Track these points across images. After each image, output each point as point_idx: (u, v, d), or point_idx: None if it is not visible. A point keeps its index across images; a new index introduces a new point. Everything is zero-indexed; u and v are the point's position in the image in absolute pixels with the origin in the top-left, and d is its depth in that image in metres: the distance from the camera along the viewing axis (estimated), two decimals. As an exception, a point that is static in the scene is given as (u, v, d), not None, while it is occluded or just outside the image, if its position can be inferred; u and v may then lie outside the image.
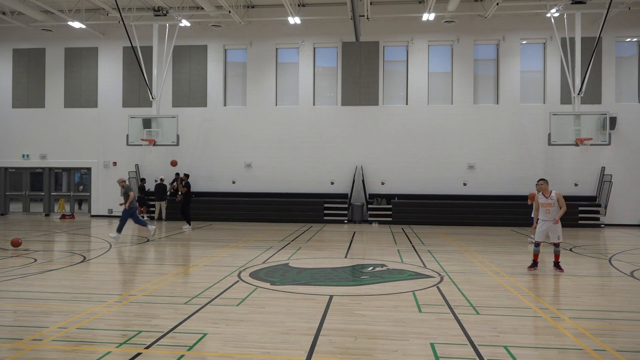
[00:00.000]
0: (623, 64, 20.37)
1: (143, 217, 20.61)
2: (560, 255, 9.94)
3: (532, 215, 11.32)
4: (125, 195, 14.03)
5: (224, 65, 22.07)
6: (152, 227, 15.13)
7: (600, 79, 19.98)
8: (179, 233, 16.21)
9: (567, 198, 19.20)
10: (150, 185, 21.37)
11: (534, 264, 9.79)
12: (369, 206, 20.34)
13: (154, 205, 20.62)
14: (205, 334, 5.53)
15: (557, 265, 9.73)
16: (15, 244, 11.91)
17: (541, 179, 10.05)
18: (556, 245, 9.71)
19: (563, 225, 10.14)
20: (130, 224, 18.20)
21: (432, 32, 20.76)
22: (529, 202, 14.08)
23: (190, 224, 17.38)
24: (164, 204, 19.87)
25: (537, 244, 9.84)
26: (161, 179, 20.13)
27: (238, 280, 8.48)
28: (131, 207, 13.92)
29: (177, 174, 21.58)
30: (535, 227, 10.01)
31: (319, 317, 6.26)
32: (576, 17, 17.45)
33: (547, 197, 9.70)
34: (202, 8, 19.28)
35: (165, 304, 6.90)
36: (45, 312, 6.51)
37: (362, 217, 20.47)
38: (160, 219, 19.99)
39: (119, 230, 13.86)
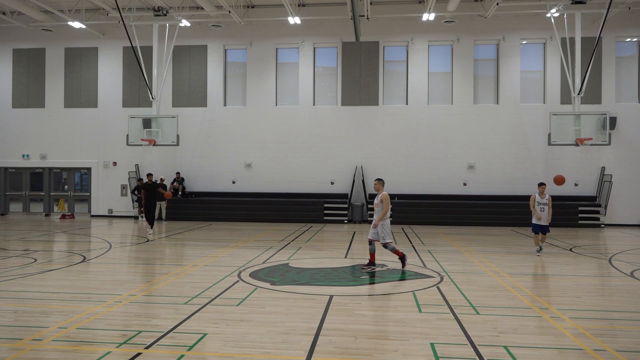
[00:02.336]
0: (623, 64, 20.37)
1: (142, 217, 20.63)
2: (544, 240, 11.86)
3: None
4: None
5: (224, 65, 22.07)
6: (150, 230, 15.44)
7: (600, 79, 19.98)
8: (178, 233, 16.21)
9: (567, 198, 19.35)
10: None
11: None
12: (369, 206, 20.34)
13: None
14: (205, 334, 5.53)
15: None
16: None
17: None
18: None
19: (563, 226, 10.26)
20: (131, 224, 18.26)
21: (432, 32, 20.76)
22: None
23: (152, 228, 15.70)
24: (164, 204, 19.86)
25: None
26: (161, 179, 20.12)
27: (238, 280, 8.48)
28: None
29: (178, 173, 21.61)
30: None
31: (319, 317, 6.26)
32: (576, 17, 17.45)
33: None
34: (202, 8, 19.27)
35: (165, 304, 6.90)
36: (45, 312, 6.51)
37: (362, 217, 20.46)
38: (160, 219, 19.99)
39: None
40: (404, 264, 9.65)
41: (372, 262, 9.62)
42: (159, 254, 12.09)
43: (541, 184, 11.86)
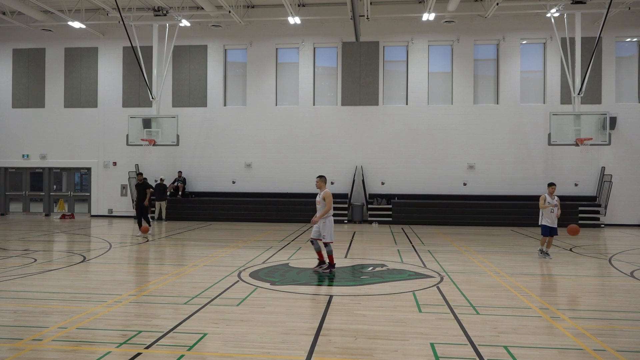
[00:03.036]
0: (623, 64, 20.37)
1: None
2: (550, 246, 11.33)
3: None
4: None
5: (224, 65, 22.07)
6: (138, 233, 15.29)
7: (600, 79, 19.98)
8: (178, 233, 16.21)
9: (567, 198, 19.34)
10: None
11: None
12: (369, 206, 20.34)
13: (153, 205, 20.56)
14: (205, 334, 5.53)
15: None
16: None
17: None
18: None
19: (563, 226, 10.28)
20: (131, 224, 18.25)
21: (432, 32, 20.76)
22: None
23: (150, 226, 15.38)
24: (164, 204, 19.86)
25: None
26: (161, 179, 20.12)
27: (238, 280, 8.48)
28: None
29: (180, 172, 21.60)
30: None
31: (319, 317, 6.26)
32: (576, 17, 17.45)
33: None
34: (202, 8, 19.27)
35: (165, 304, 6.89)
36: (45, 312, 6.51)
37: (362, 217, 20.46)
38: (160, 219, 19.99)
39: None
40: (328, 269, 9.23)
41: (322, 261, 9.46)
42: (159, 254, 12.09)
43: (551, 184, 11.37)
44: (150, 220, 15.75)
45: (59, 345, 5.17)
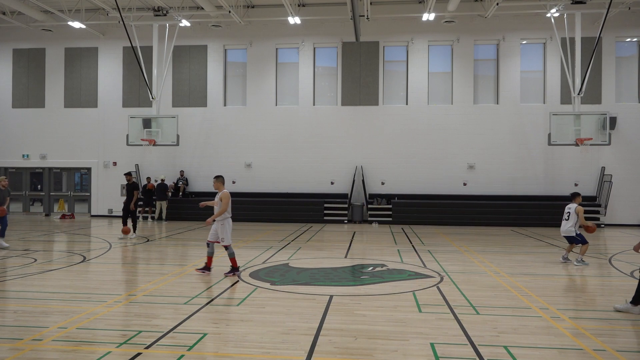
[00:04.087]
0: (623, 64, 20.37)
1: (147, 217, 20.65)
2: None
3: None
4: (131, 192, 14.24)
5: (224, 65, 22.07)
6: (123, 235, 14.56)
7: (600, 79, 19.98)
8: (178, 233, 16.21)
9: (567, 198, 19.26)
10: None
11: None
12: (369, 206, 20.34)
13: (153, 206, 20.57)
14: (205, 334, 5.53)
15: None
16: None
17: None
18: None
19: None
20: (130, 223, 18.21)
21: (432, 32, 20.76)
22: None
23: (135, 231, 14.82)
24: (164, 204, 19.87)
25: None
26: (162, 179, 20.13)
27: (238, 280, 8.48)
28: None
29: (182, 172, 21.60)
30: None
31: (319, 317, 6.26)
32: (576, 17, 17.46)
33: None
34: (202, 8, 19.27)
35: (165, 304, 6.89)
36: (45, 312, 6.51)
37: (362, 217, 20.46)
38: (160, 218, 20.00)
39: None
40: (232, 273, 8.91)
41: (207, 267, 9.04)
42: (159, 254, 12.09)
43: (577, 195, 10.92)
44: (137, 221, 14.92)
45: (59, 345, 5.17)
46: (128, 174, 15.06)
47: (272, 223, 19.81)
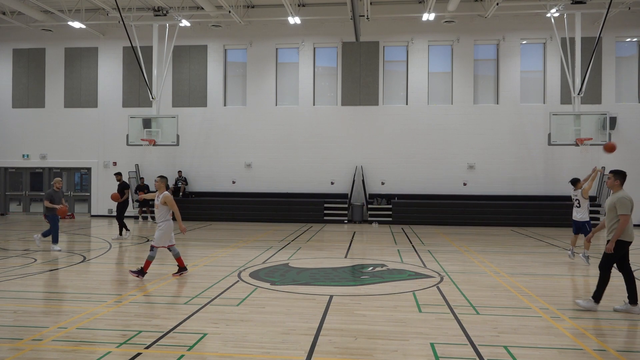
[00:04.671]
0: (623, 64, 20.36)
1: (146, 217, 20.64)
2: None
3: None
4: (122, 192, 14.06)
5: (224, 65, 22.07)
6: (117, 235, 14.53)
7: (600, 79, 19.98)
8: (178, 233, 16.20)
9: (567, 198, 19.30)
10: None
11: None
12: (369, 206, 20.34)
13: (152, 205, 20.57)
14: (205, 334, 5.53)
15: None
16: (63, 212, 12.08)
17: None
18: None
19: (563, 225, 10.29)
20: (131, 224, 18.23)
21: (432, 32, 20.76)
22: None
23: (122, 233, 14.48)
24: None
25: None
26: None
27: (238, 280, 8.48)
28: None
29: (180, 172, 21.59)
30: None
31: (319, 317, 6.26)
32: (576, 17, 17.46)
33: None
34: (202, 8, 19.27)
35: (165, 304, 6.90)
36: (45, 312, 6.51)
37: (362, 217, 20.46)
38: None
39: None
40: (140, 274, 8.50)
41: (182, 268, 8.91)
42: (158, 254, 12.07)
43: (577, 181, 10.85)
44: (125, 225, 14.58)
45: (59, 345, 5.17)
46: (118, 174, 15.16)
47: (272, 223, 19.81)
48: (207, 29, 21.62)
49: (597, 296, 6.75)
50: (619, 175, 6.90)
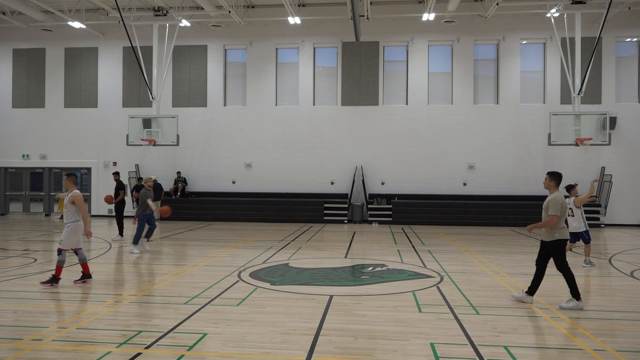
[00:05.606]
0: (623, 64, 20.36)
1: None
2: None
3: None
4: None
5: (224, 65, 22.07)
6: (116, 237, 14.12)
7: (600, 79, 19.98)
8: (178, 233, 16.21)
9: (566, 197, 19.30)
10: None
11: None
12: (369, 206, 20.34)
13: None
14: (205, 334, 5.53)
15: None
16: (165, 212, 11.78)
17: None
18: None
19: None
20: (131, 224, 18.24)
21: (432, 32, 20.76)
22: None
23: (122, 234, 14.31)
24: (155, 205, 19.88)
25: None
26: (154, 179, 20.13)
27: (238, 280, 8.48)
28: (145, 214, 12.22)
29: (179, 173, 21.58)
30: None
31: (319, 317, 6.26)
32: (576, 17, 17.45)
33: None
34: (202, 8, 19.27)
35: (165, 304, 6.90)
36: (45, 312, 6.51)
37: (362, 217, 20.46)
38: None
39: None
40: (53, 282, 7.90)
41: (87, 275, 8.29)
42: (158, 254, 12.09)
43: (572, 188, 10.47)
44: (123, 223, 14.38)
45: (59, 345, 5.17)
46: (115, 174, 15.10)
47: (272, 223, 19.81)
48: (207, 29, 21.62)
49: (574, 293, 6.88)
50: (554, 177, 7.32)
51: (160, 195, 20.07)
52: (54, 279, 7.96)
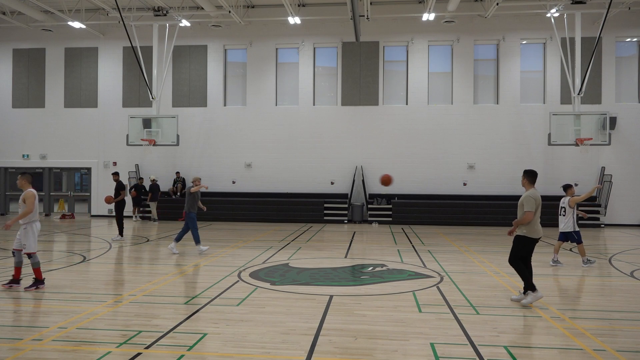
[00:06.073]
0: (623, 64, 20.36)
1: (136, 217, 20.61)
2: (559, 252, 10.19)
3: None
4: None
5: (224, 65, 22.07)
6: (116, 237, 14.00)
7: (600, 79, 19.98)
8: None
9: (567, 198, 19.29)
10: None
11: None
12: (369, 206, 20.34)
13: (149, 205, 20.53)
14: (205, 334, 5.53)
15: None
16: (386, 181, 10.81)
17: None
18: None
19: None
20: (131, 224, 18.20)
21: (432, 32, 20.76)
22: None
23: (122, 234, 14.17)
24: (153, 205, 19.90)
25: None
26: (153, 179, 20.17)
27: (238, 280, 8.48)
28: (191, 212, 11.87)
29: (178, 173, 21.56)
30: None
31: (319, 317, 6.26)
32: (576, 17, 17.45)
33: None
34: (202, 8, 19.27)
35: (165, 304, 6.89)
36: (45, 312, 6.51)
37: (362, 217, 20.46)
38: (153, 219, 20.01)
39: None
40: (33, 286, 7.70)
41: (15, 280, 7.85)
42: (158, 254, 12.09)
43: (569, 187, 10.69)
44: (123, 223, 14.25)
45: (59, 345, 5.17)
46: (115, 174, 15.03)
47: (272, 223, 19.81)
48: (207, 29, 21.62)
49: (528, 287, 7.03)
50: (527, 174, 7.29)
51: (157, 196, 20.08)
52: (39, 281, 7.79)
